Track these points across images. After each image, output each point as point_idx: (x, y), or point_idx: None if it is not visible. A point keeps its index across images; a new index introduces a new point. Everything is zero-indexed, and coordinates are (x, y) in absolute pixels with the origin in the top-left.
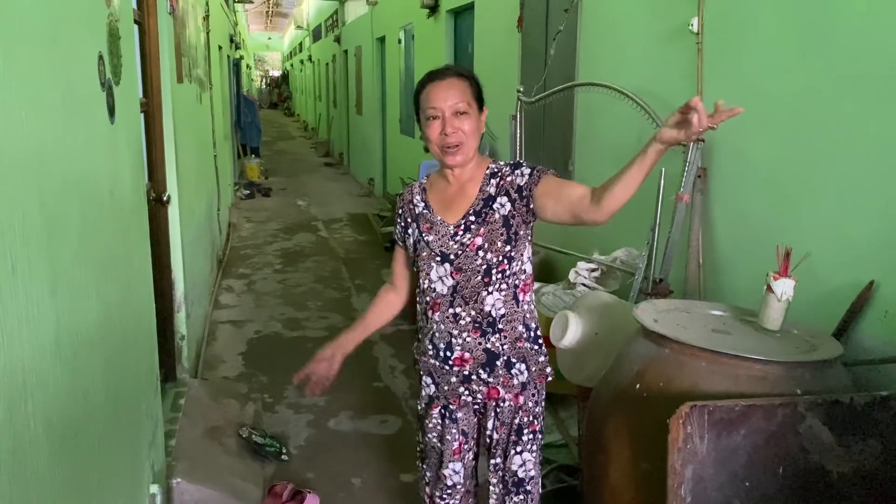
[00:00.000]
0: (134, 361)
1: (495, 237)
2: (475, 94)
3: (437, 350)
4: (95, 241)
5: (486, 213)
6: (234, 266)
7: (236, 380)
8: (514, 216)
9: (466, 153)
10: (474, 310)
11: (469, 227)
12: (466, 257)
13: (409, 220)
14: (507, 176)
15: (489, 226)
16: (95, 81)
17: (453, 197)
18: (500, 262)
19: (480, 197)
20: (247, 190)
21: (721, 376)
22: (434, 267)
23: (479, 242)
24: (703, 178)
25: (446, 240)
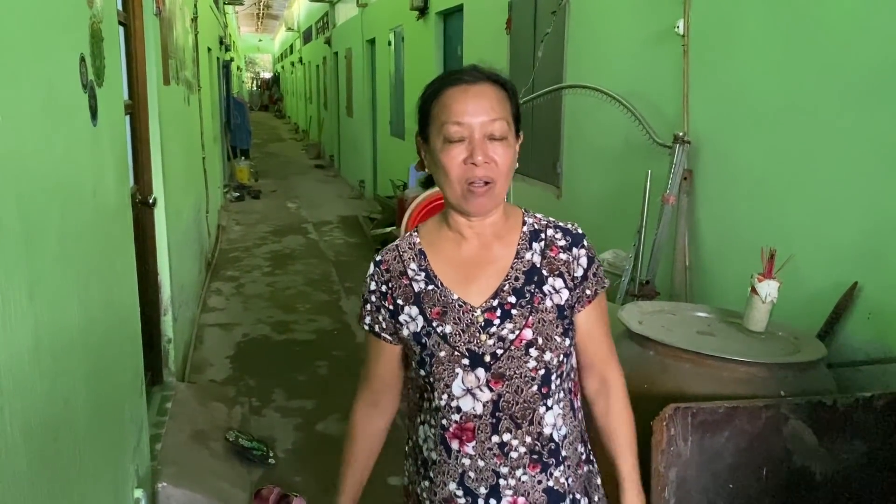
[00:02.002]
0: (117, 365)
1: (550, 330)
2: (514, 113)
3: (474, 498)
4: (77, 244)
5: (531, 294)
6: (222, 269)
7: (224, 383)
8: (571, 306)
9: (497, 197)
10: (530, 435)
11: (509, 313)
12: (511, 359)
13: (401, 303)
14: (556, 245)
15: (539, 314)
16: (77, 83)
17: (472, 263)
18: (559, 363)
19: (520, 267)
20: (236, 192)
21: (705, 378)
22: (459, 375)
23: (528, 336)
24: (689, 180)
25: (474, 331)
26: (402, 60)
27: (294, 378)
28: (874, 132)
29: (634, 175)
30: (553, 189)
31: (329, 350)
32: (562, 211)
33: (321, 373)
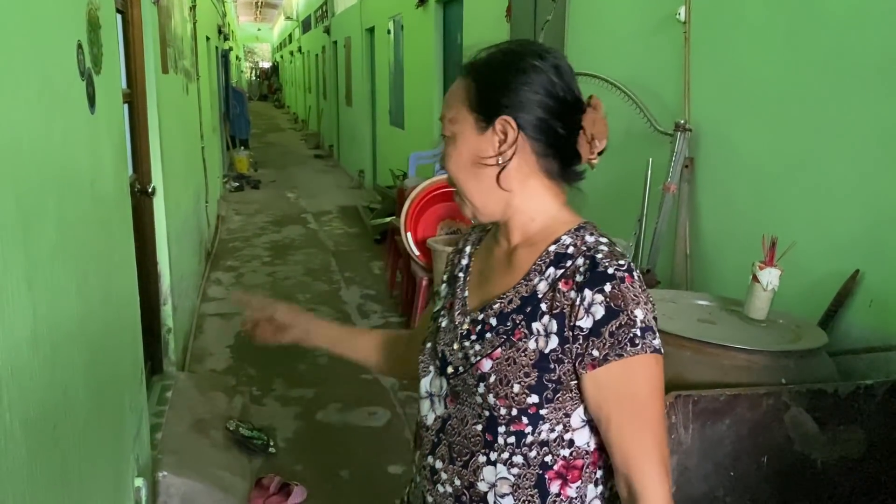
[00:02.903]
0: (117, 355)
1: (513, 375)
2: (475, 101)
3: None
4: (75, 233)
5: (514, 325)
6: (222, 259)
7: (224, 373)
8: (560, 360)
9: (471, 202)
10: (460, 478)
11: (483, 334)
12: (465, 383)
13: (445, 277)
14: (573, 278)
15: (510, 351)
16: (74, 71)
17: (493, 266)
18: (510, 417)
19: (522, 290)
20: (236, 182)
21: (706, 366)
22: (430, 374)
23: (484, 368)
24: (691, 167)
25: (454, 337)
26: (402, 49)
27: (294, 367)
28: (877, 119)
29: (635, 163)
30: None
31: None
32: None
33: (321, 362)
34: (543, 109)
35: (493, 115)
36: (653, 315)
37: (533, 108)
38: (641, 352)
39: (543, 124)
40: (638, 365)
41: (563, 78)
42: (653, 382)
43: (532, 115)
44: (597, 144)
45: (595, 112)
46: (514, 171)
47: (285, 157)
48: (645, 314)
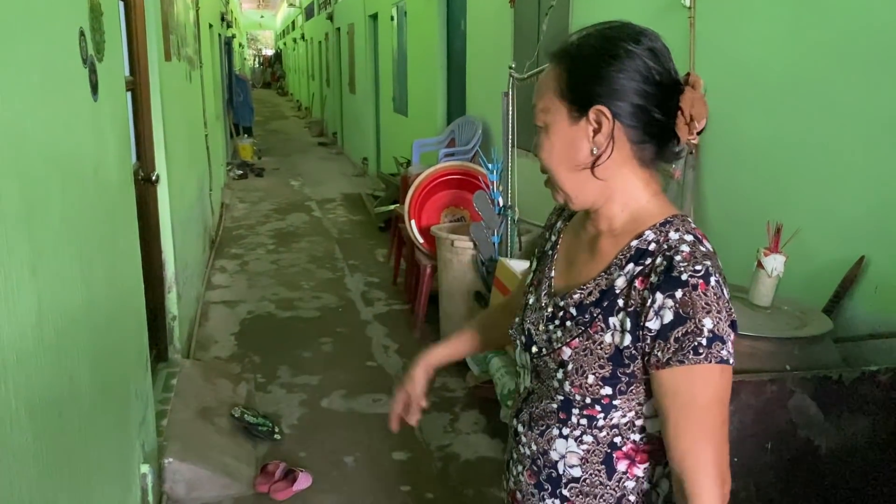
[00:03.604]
0: (122, 342)
1: (589, 366)
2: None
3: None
4: (79, 220)
5: (592, 318)
6: (226, 246)
7: (229, 360)
8: (633, 357)
9: (563, 189)
10: (537, 444)
11: (564, 322)
12: (546, 365)
13: (537, 252)
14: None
15: (588, 343)
16: (77, 58)
17: (580, 250)
18: (584, 403)
19: (602, 283)
20: (240, 170)
21: None
22: (518, 348)
23: (564, 356)
24: (695, 154)
25: (540, 317)
26: (405, 36)
27: (299, 355)
28: (883, 105)
29: None
30: None
31: (333, 327)
32: None
33: (326, 349)
34: (639, 96)
35: (587, 105)
36: (728, 324)
37: (628, 95)
38: (705, 361)
39: (639, 111)
40: (701, 373)
41: (659, 61)
42: (715, 392)
43: (627, 102)
44: (696, 125)
45: (694, 91)
46: (608, 160)
47: (289, 145)
48: (715, 323)
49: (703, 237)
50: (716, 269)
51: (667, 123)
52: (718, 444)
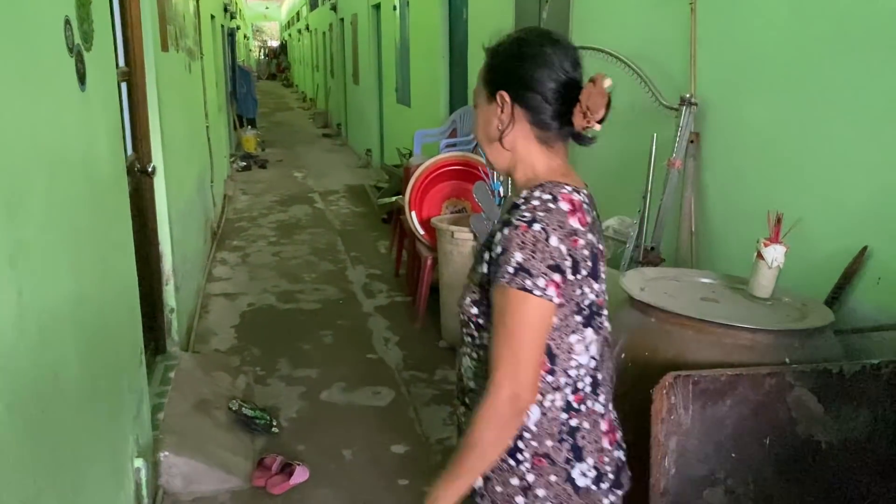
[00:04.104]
0: (114, 336)
1: (468, 290)
2: (488, 76)
3: None
4: (65, 213)
5: (481, 254)
6: (228, 239)
7: (228, 353)
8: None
9: (491, 158)
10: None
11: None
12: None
13: None
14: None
15: (474, 273)
16: (62, 47)
17: None
18: (468, 324)
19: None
20: (243, 162)
21: (708, 345)
22: None
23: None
24: (696, 143)
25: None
26: (408, 26)
27: (299, 347)
28: (886, 92)
29: (640, 139)
30: None
31: (334, 319)
32: None
33: (326, 342)
34: (537, 87)
35: (496, 90)
36: (545, 265)
37: (527, 85)
38: (509, 285)
39: (536, 99)
40: (510, 295)
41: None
42: (522, 316)
43: (526, 91)
44: (591, 115)
45: (594, 87)
46: (513, 135)
47: (293, 137)
48: (525, 259)
49: (564, 199)
50: (548, 221)
51: (561, 111)
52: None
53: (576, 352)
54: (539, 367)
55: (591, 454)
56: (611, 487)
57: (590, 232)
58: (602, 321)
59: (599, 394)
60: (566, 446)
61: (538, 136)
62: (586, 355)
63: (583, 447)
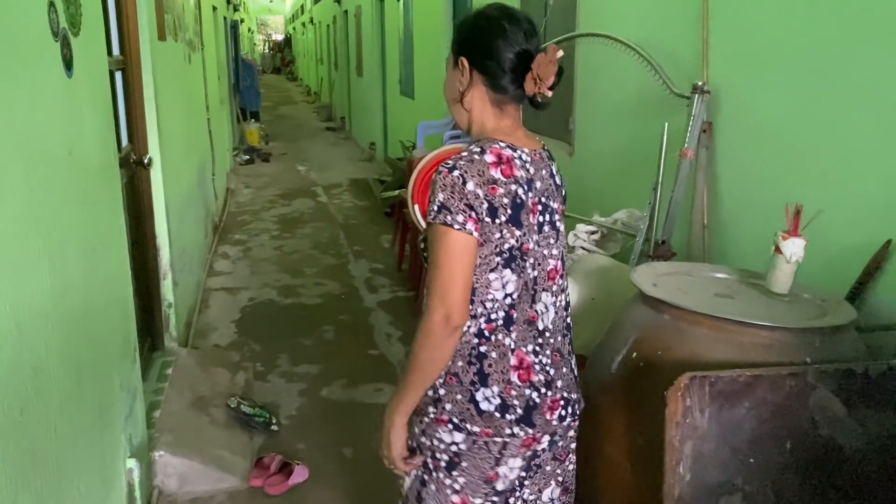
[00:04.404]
0: (103, 331)
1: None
2: (452, 45)
3: None
4: (47, 205)
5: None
6: (230, 232)
7: (228, 348)
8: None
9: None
10: None
11: None
12: None
13: None
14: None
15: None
16: (46, 31)
17: None
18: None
19: None
20: (246, 155)
21: (724, 344)
22: None
23: None
24: (709, 132)
25: None
26: (411, 17)
27: (300, 343)
28: None
29: (650, 129)
30: (565, 146)
31: (336, 314)
32: (574, 169)
33: (327, 337)
34: (492, 54)
35: (458, 56)
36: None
37: (484, 53)
38: (434, 222)
39: (491, 65)
40: (436, 230)
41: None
42: (444, 247)
43: (483, 58)
44: (541, 82)
45: (546, 57)
46: (471, 96)
47: (297, 130)
48: (445, 199)
49: (493, 152)
50: (467, 169)
51: (515, 77)
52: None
53: (493, 287)
54: (467, 291)
55: (496, 383)
56: (518, 421)
57: (516, 184)
58: (526, 266)
59: (512, 331)
60: (473, 370)
61: (492, 99)
62: (502, 292)
63: (489, 374)
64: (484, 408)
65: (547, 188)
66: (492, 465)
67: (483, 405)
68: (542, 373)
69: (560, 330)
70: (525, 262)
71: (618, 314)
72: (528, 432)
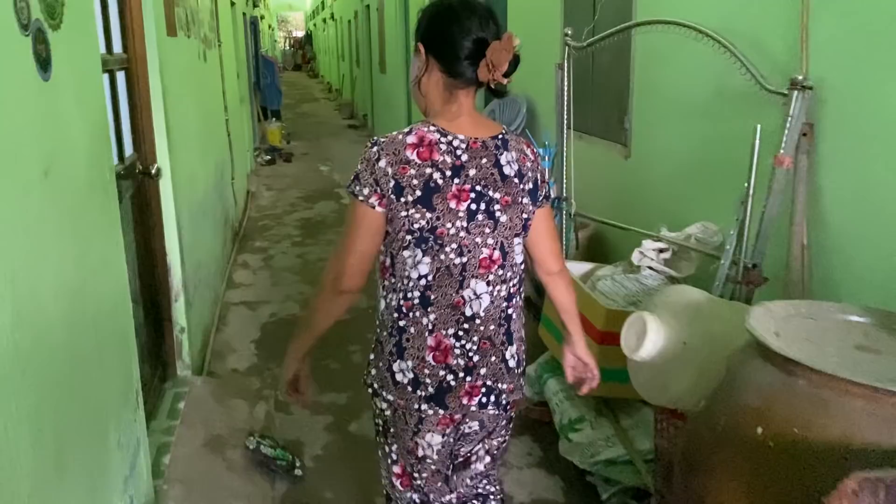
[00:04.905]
0: (95, 380)
1: None
2: (416, 31)
3: None
4: (10, 240)
5: None
6: (251, 239)
7: (247, 373)
8: None
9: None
10: None
11: None
12: None
13: None
14: None
15: None
16: (11, 23)
17: None
18: None
19: None
20: (267, 155)
21: (887, 423)
22: None
23: None
24: (810, 136)
25: None
26: None
27: (325, 366)
28: None
29: (727, 130)
30: (619, 148)
31: (364, 332)
32: (631, 174)
33: (355, 359)
34: (447, 41)
35: (417, 41)
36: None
37: (439, 40)
38: (348, 190)
39: (445, 51)
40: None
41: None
42: (350, 215)
43: (438, 44)
44: (495, 69)
45: (501, 44)
46: (426, 81)
47: (319, 128)
48: (360, 171)
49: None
50: (384, 147)
51: (469, 64)
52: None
53: (408, 265)
54: (361, 260)
55: (411, 357)
56: (428, 399)
57: (433, 167)
58: (440, 250)
59: (430, 312)
60: (393, 341)
61: (445, 84)
62: (416, 272)
63: (406, 348)
64: (399, 379)
65: (485, 177)
66: (410, 436)
67: (398, 376)
68: (463, 357)
69: (495, 319)
70: (441, 246)
71: (728, 369)
72: (438, 412)
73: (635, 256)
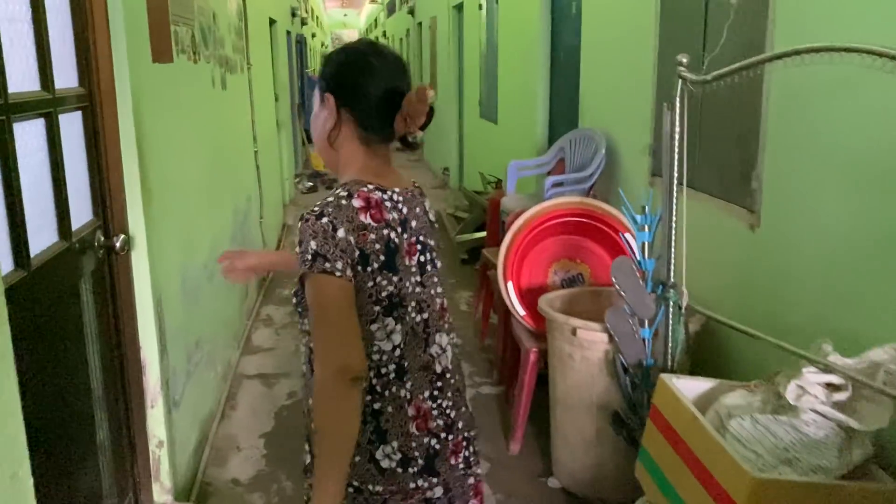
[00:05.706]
0: None
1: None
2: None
3: None
4: None
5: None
6: (279, 286)
7: (250, 486)
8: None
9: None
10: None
11: None
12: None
13: None
14: None
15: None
16: None
17: None
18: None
19: None
20: (309, 182)
21: None
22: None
23: None
24: None
25: None
26: (496, 27)
27: None
28: None
29: None
30: (743, 213)
31: None
32: (762, 251)
33: None
34: (358, 93)
35: (324, 92)
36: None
37: (350, 92)
38: (312, 272)
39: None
40: (312, 280)
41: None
42: (328, 296)
43: (349, 96)
44: (412, 122)
45: (415, 95)
46: (340, 136)
47: None
48: (319, 246)
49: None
50: (335, 216)
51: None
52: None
53: (377, 338)
54: (359, 338)
55: (395, 437)
56: (420, 472)
57: (388, 227)
58: (406, 312)
59: (406, 381)
60: (370, 429)
61: (361, 138)
62: (389, 343)
63: (387, 430)
64: (385, 465)
65: (423, 226)
66: None
67: (384, 463)
68: (442, 417)
69: (457, 368)
70: (406, 308)
71: None
72: (432, 482)
73: (791, 392)
